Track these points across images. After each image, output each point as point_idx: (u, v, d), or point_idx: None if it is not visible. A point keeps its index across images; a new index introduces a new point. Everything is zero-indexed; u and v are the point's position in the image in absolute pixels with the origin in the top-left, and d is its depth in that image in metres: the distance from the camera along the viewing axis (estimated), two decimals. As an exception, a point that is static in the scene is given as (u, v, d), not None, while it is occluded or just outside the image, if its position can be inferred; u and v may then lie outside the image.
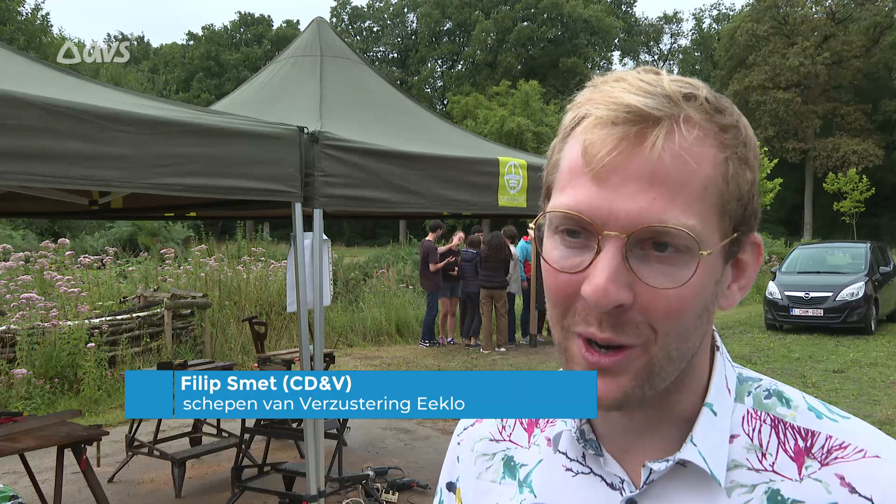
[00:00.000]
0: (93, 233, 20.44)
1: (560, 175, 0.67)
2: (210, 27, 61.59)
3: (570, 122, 0.67)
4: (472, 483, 0.83)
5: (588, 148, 0.63)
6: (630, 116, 0.61)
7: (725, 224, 0.65)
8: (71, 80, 3.27)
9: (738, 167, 0.65)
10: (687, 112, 0.63)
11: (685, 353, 0.66)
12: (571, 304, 0.65)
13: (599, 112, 0.63)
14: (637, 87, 0.63)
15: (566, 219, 0.64)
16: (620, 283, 0.61)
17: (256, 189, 3.20)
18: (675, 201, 0.61)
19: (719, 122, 0.64)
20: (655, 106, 0.61)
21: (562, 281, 0.65)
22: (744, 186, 0.65)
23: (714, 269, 0.65)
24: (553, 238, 0.66)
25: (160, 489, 5.11)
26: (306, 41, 5.08)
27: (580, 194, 0.63)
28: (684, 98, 0.63)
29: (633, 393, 0.64)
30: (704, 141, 0.63)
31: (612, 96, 0.63)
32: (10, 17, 32.19)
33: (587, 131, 0.63)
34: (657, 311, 0.62)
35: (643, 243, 0.62)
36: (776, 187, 26.16)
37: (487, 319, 10.91)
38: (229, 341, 9.50)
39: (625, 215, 0.61)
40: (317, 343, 3.67)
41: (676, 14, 66.56)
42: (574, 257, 0.64)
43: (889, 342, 11.54)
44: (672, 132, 0.61)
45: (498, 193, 4.24)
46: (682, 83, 0.64)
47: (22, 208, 5.32)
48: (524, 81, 38.07)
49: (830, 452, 0.66)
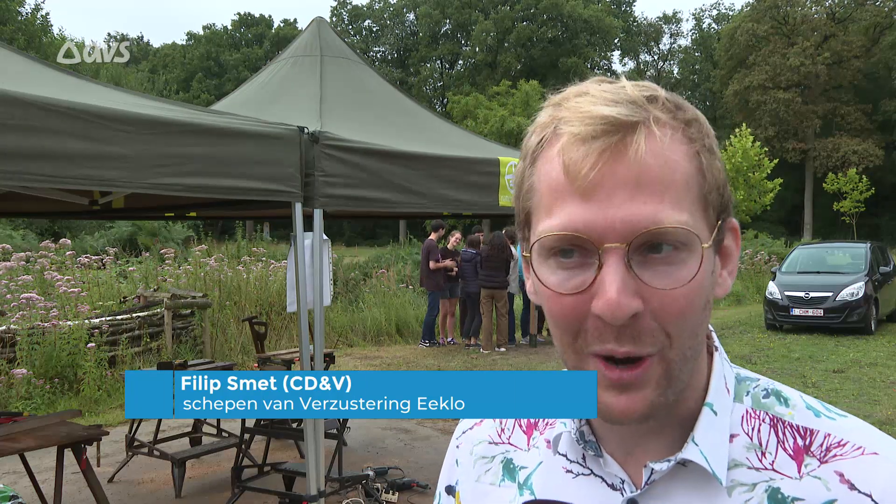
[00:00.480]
0: (93, 233, 20.44)
1: (540, 199, 0.66)
2: (211, 27, 61.65)
3: (536, 145, 0.67)
4: (472, 486, 0.83)
5: (570, 166, 0.62)
6: (608, 127, 0.62)
7: (710, 214, 0.66)
8: (71, 80, 3.27)
9: (709, 158, 0.66)
10: (654, 113, 0.63)
11: (696, 349, 0.67)
12: (582, 326, 0.64)
13: (574, 129, 0.63)
14: (604, 98, 0.63)
15: (561, 240, 0.63)
16: (630, 292, 0.61)
17: (257, 189, 3.20)
18: (665, 201, 0.62)
19: (682, 118, 0.65)
20: (627, 113, 0.62)
21: (567, 304, 0.64)
22: (718, 176, 0.67)
23: (709, 260, 0.66)
24: (547, 263, 0.65)
25: (160, 489, 5.11)
26: (306, 41, 5.08)
27: (571, 213, 0.63)
28: (647, 101, 0.64)
29: (657, 402, 0.65)
30: (675, 138, 0.64)
31: (583, 110, 0.63)
32: (10, 17, 32.18)
33: (565, 150, 0.63)
34: (668, 314, 0.62)
35: (640, 248, 0.62)
36: (776, 187, 26.16)
37: (488, 319, 10.91)
38: (229, 341, 9.50)
39: (621, 224, 0.61)
40: (317, 343, 3.67)
41: (676, 14, 66.62)
42: (575, 278, 0.63)
43: (889, 342, 11.54)
44: (649, 135, 0.62)
45: (499, 193, 4.24)
46: (640, 87, 0.65)
47: (22, 208, 5.32)
48: (524, 81, 38.07)
49: (829, 450, 0.67)
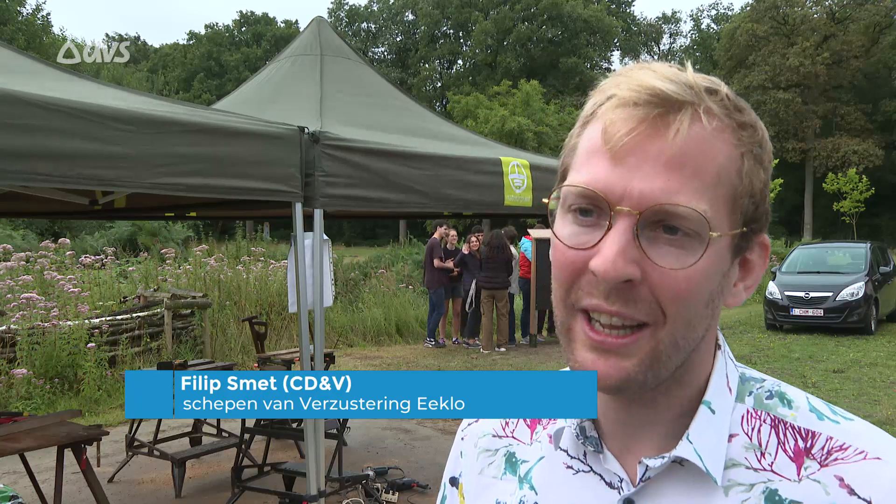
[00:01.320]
0: (93, 233, 20.43)
1: (578, 155, 0.68)
2: (213, 25, 61.66)
3: (591, 107, 0.68)
4: (475, 478, 0.84)
5: (608, 127, 0.64)
6: (652, 99, 0.62)
7: (736, 217, 0.66)
8: (72, 79, 3.27)
9: (753, 165, 0.66)
10: (708, 104, 0.64)
11: (690, 342, 0.66)
12: (577, 280, 0.65)
13: (623, 93, 0.64)
14: (662, 75, 0.64)
15: (580, 195, 0.65)
16: (629, 258, 0.62)
17: (257, 189, 3.20)
18: (689, 186, 0.62)
19: (737, 119, 0.65)
20: (678, 91, 0.63)
21: (570, 257, 0.65)
22: (757, 185, 0.66)
23: (722, 258, 0.65)
24: (565, 217, 0.67)
25: (160, 489, 5.11)
26: (306, 40, 5.08)
27: (597, 172, 0.64)
28: (706, 91, 0.65)
29: (635, 378, 0.64)
30: (722, 134, 0.64)
31: (637, 79, 0.64)
32: (10, 17, 32.17)
33: (608, 112, 0.65)
34: (665, 291, 0.62)
35: (654, 225, 0.63)
36: (776, 188, 26.19)
37: (488, 319, 10.91)
38: (229, 341, 9.50)
39: (638, 193, 0.62)
40: (317, 343, 3.67)
41: (675, 14, 66.56)
42: (585, 235, 0.65)
43: (889, 342, 11.54)
44: (693, 119, 0.63)
45: (504, 192, 4.24)
46: (705, 78, 0.66)
47: (22, 208, 5.32)
48: (525, 81, 38.06)
49: (830, 454, 0.66)
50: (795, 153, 41.71)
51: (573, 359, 0.66)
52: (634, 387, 0.65)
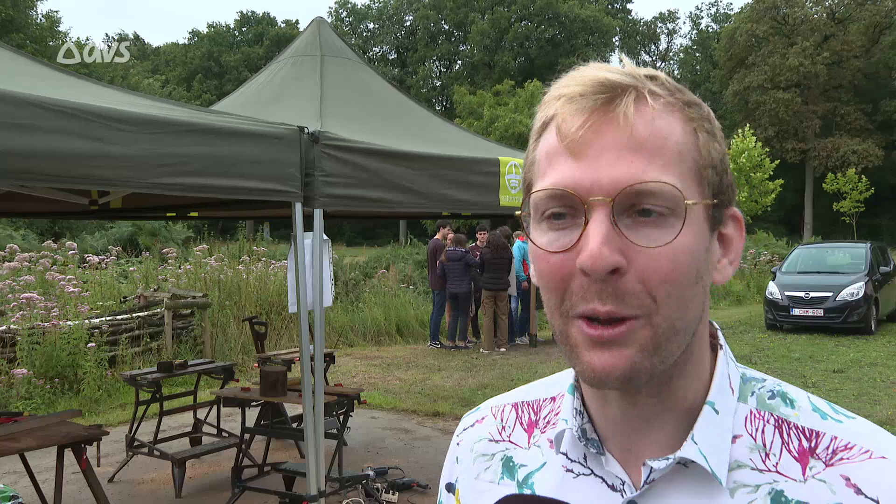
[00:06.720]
0: (93, 233, 20.39)
1: (538, 164, 0.69)
2: (216, 24, 61.69)
3: (541, 119, 0.70)
4: (471, 483, 0.83)
5: (562, 125, 0.65)
6: (598, 88, 0.64)
7: (704, 189, 0.66)
8: (72, 79, 3.27)
9: (708, 138, 0.68)
10: (650, 86, 0.66)
11: (688, 323, 0.65)
12: (567, 286, 0.65)
13: (569, 90, 0.66)
14: (604, 68, 0.67)
15: (551, 198, 0.65)
16: (613, 246, 0.62)
17: (257, 189, 3.20)
18: (653, 164, 0.63)
19: (681, 98, 0.67)
20: (620, 78, 0.65)
21: (555, 262, 0.65)
22: (716, 156, 0.68)
23: (701, 232, 0.66)
24: (540, 226, 0.67)
25: (160, 489, 5.11)
26: (306, 41, 5.08)
27: (562, 171, 0.65)
28: (647, 77, 0.67)
29: (641, 365, 0.63)
30: (671, 111, 0.66)
31: (580, 75, 0.67)
32: (25, 25, 32.13)
33: (559, 109, 0.66)
34: (652, 274, 0.62)
35: (629, 211, 0.63)
36: (777, 188, 26.14)
37: (489, 320, 10.90)
38: (229, 341, 9.50)
39: (607, 181, 0.62)
40: (317, 343, 3.67)
41: (672, 14, 66.47)
42: (564, 237, 0.65)
43: (889, 342, 11.54)
44: (639, 100, 0.64)
45: (499, 193, 4.24)
46: (643, 69, 0.68)
47: (22, 208, 5.32)
48: (530, 82, 38.11)
49: (836, 453, 0.66)
50: (795, 153, 41.73)
51: (578, 362, 0.65)
52: (643, 375, 0.64)
